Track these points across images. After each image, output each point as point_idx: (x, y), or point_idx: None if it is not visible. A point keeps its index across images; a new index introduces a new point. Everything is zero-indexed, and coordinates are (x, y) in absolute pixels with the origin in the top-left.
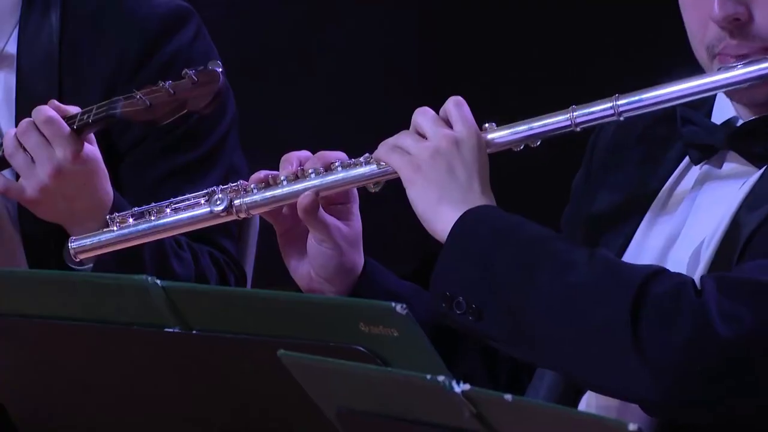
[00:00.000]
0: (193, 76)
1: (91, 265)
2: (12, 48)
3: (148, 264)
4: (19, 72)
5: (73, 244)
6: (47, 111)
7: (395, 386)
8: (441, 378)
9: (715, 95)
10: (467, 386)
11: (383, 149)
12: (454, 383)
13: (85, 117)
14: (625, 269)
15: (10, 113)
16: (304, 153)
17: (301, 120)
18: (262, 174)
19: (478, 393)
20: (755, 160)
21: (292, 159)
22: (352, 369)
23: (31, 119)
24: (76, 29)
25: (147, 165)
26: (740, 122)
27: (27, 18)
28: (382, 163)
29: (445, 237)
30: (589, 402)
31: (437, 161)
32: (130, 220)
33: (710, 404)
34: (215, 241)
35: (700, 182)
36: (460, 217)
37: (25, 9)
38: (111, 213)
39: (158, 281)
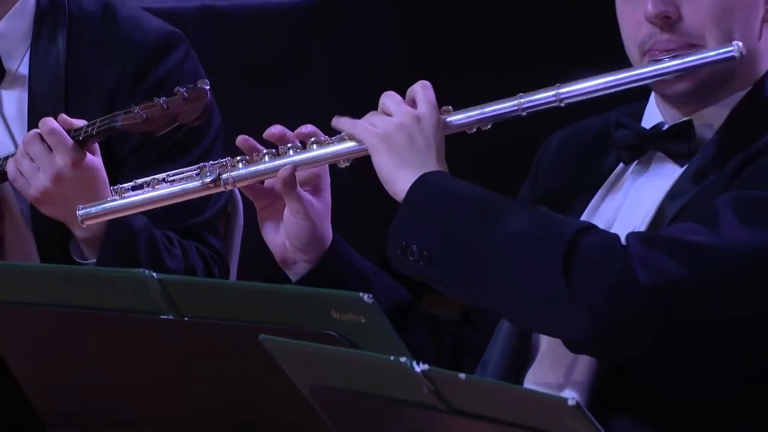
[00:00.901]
0: (184, 93)
1: (95, 260)
2: (24, 69)
3: (143, 259)
4: (30, 90)
5: (80, 212)
6: (51, 123)
7: (363, 366)
8: (403, 359)
9: (646, 103)
10: (426, 366)
11: (350, 123)
12: (414, 364)
13: (90, 129)
14: (560, 222)
15: (23, 127)
16: (279, 129)
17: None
18: (250, 142)
19: (435, 372)
20: (678, 159)
21: (274, 130)
22: (325, 351)
23: (37, 130)
24: (80, 52)
25: (144, 170)
26: (667, 126)
27: (37, 43)
28: (352, 142)
29: (404, 196)
30: (535, 379)
31: (399, 132)
32: (131, 191)
33: (634, 347)
34: (202, 238)
35: (632, 179)
36: (418, 178)
37: (36, 34)
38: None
39: (155, 274)
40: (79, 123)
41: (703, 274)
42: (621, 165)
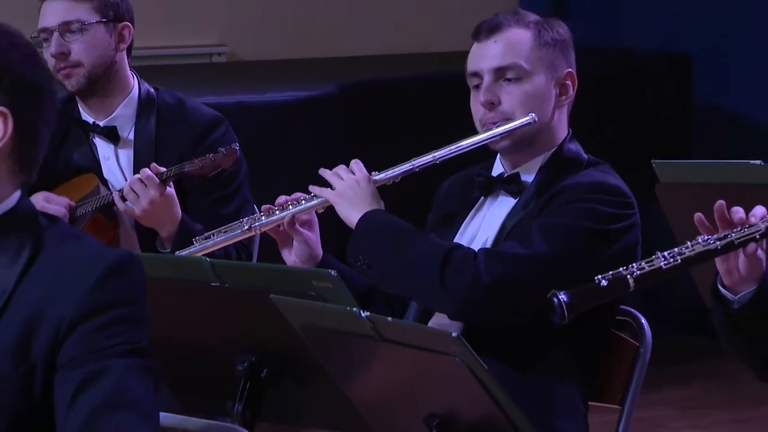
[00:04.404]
0: (224, 151)
1: (169, 249)
2: (131, 136)
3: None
4: (135, 150)
5: (176, 254)
6: (146, 171)
7: (331, 313)
8: (355, 309)
9: (495, 159)
10: (368, 313)
11: (319, 189)
12: (361, 312)
13: (168, 173)
14: (440, 244)
15: (130, 172)
16: (284, 197)
17: (279, 180)
18: (267, 206)
19: (373, 316)
20: (513, 195)
21: (280, 199)
22: (309, 304)
23: (138, 176)
24: (163, 127)
25: (201, 197)
26: (506, 174)
27: (139, 120)
28: (322, 198)
29: (354, 227)
30: (434, 322)
31: (348, 191)
32: (204, 240)
33: (486, 316)
34: None
35: (488, 207)
36: (360, 217)
37: (138, 116)
38: (180, 225)
39: (207, 259)
40: (162, 169)
41: (520, 273)
42: (481, 198)
